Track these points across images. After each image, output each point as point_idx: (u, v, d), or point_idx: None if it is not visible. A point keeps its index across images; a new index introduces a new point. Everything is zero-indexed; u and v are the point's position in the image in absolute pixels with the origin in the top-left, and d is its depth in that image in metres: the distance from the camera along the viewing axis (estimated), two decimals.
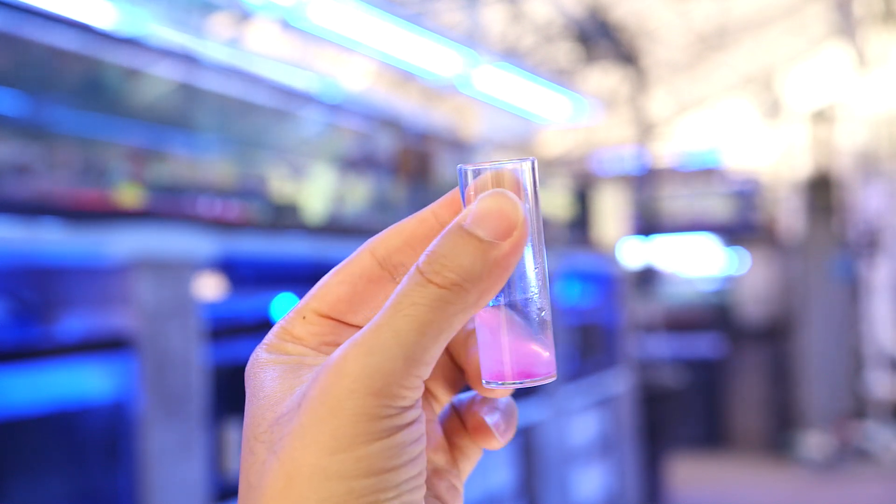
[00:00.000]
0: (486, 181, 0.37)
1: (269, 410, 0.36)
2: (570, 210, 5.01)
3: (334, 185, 3.32)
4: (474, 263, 0.34)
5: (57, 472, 1.74)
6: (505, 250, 0.35)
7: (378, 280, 0.38)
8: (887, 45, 6.33)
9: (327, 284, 0.39)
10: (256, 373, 0.37)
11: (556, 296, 3.68)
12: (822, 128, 6.97)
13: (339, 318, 0.39)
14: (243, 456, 0.36)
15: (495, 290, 0.36)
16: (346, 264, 0.39)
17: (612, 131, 7.25)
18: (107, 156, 2.41)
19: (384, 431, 0.33)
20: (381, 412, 0.33)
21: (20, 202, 1.88)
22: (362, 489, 0.33)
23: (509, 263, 0.35)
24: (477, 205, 0.35)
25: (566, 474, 3.68)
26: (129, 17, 2.73)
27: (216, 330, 2.01)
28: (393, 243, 0.39)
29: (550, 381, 0.38)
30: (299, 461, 0.33)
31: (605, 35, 5.81)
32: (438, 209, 0.39)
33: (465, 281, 0.34)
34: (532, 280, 0.38)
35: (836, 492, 5.52)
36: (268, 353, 0.38)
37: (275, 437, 0.35)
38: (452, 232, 0.35)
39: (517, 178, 0.37)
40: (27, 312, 1.90)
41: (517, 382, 0.38)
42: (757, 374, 6.66)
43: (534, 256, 0.38)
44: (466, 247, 0.35)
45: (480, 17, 5.11)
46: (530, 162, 0.38)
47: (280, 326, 0.39)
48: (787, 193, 7.13)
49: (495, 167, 0.37)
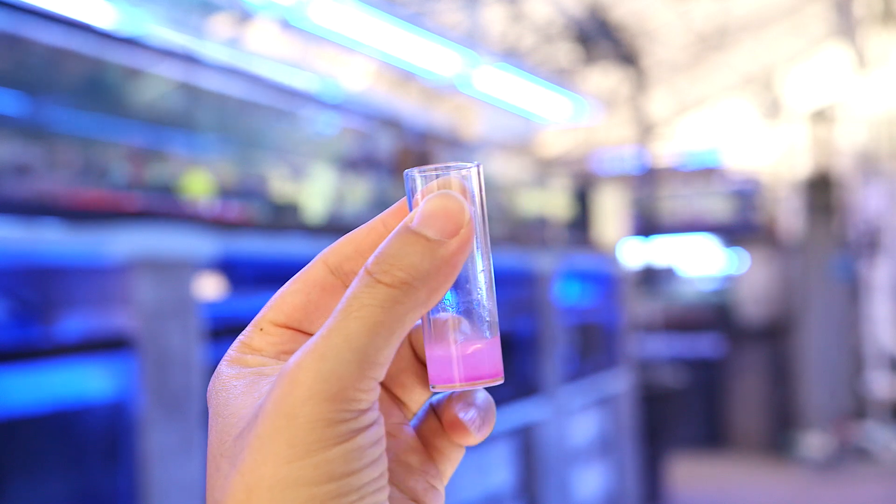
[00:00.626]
0: (432, 185, 0.38)
1: (232, 427, 0.36)
2: (570, 210, 5.01)
3: (334, 185, 3.32)
4: (422, 262, 0.35)
5: (57, 472, 1.74)
6: (452, 248, 0.36)
7: (331, 288, 0.39)
8: (887, 45, 6.33)
9: (283, 295, 0.40)
10: (218, 391, 0.38)
11: (557, 296, 3.68)
12: (822, 128, 6.97)
13: (296, 327, 0.39)
14: (209, 473, 0.36)
15: (444, 288, 0.36)
16: (301, 274, 0.40)
17: (612, 131, 7.25)
18: (107, 156, 2.41)
19: (342, 436, 0.34)
20: (338, 416, 0.33)
21: (20, 202, 1.88)
22: (324, 495, 0.33)
23: (457, 261, 0.36)
24: (423, 206, 0.36)
25: (566, 474, 3.68)
26: (129, 17, 2.73)
27: (216, 330, 2.01)
28: (343, 252, 0.39)
29: (497, 383, 0.39)
30: (258, 472, 0.34)
31: (605, 35, 5.81)
32: (387, 217, 0.39)
33: (414, 279, 0.35)
34: (479, 282, 0.38)
35: (836, 492, 5.52)
36: (229, 367, 0.38)
37: (237, 450, 0.35)
38: (400, 233, 0.36)
39: (463, 182, 0.38)
40: (27, 312, 1.90)
41: (464, 384, 0.38)
42: (757, 374, 6.66)
43: (480, 259, 0.38)
44: (414, 246, 0.35)
45: (480, 17, 5.11)
46: (476, 166, 0.38)
47: (239, 341, 0.39)
48: (787, 193, 7.13)
49: (442, 172, 0.38)
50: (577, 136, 7.52)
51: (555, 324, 3.60)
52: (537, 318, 3.49)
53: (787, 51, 7.03)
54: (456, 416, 0.41)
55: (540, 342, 3.48)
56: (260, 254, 2.30)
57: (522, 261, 3.44)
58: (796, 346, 6.59)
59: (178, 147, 2.74)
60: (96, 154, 2.36)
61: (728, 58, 6.88)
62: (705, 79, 7.24)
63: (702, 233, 7.28)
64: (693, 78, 7.20)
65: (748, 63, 7.10)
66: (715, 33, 6.39)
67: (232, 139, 3.01)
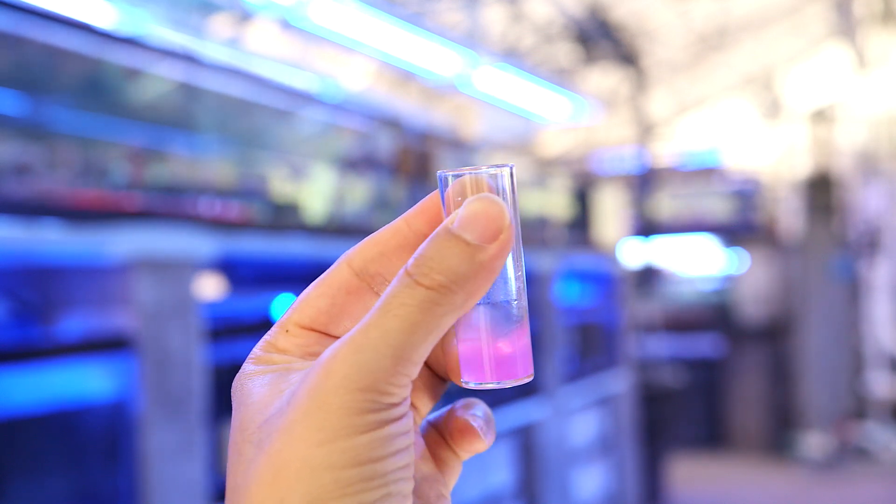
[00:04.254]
0: (465, 186, 0.38)
1: (258, 414, 0.36)
2: (570, 210, 5.01)
3: (334, 185, 3.32)
4: (461, 265, 0.35)
5: (57, 472, 1.74)
6: (491, 253, 0.36)
7: (356, 291, 0.39)
8: (887, 45, 6.33)
9: (307, 298, 0.39)
10: (244, 383, 0.38)
11: (557, 296, 3.68)
12: (822, 128, 6.97)
13: (321, 330, 0.39)
14: (230, 459, 0.36)
15: (482, 291, 0.36)
16: (325, 277, 0.40)
17: (612, 131, 7.24)
18: (107, 156, 2.41)
19: (371, 425, 0.34)
20: (368, 406, 0.34)
21: (20, 202, 1.88)
22: (349, 479, 0.34)
23: (495, 266, 0.36)
24: (464, 209, 0.36)
25: (566, 474, 3.68)
26: (129, 17, 2.73)
27: (216, 330, 2.01)
28: (368, 254, 0.39)
29: (528, 380, 0.39)
30: (287, 454, 0.34)
31: (605, 35, 5.80)
32: (412, 218, 0.39)
33: (453, 283, 0.35)
34: (513, 284, 0.39)
35: (836, 492, 5.52)
36: (255, 364, 0.39)
37: (263, 436, 0.35)
38: (440, 235, 0.36)
39: (497, 183, 0.38)
40: (27, 312, 1.90)
41: (496, 383, 0.39)
42: (757, 374, 6.66)
43: (514, 261, 0.39)
44: (454, 249, 0.35)
45: (480, 17, 5.11)
46: (509, 168, 0.39)
47: (264, 341, 0.39)
48: (787, 193, 7.13)
49: (475, 173, 0.38)
50: (577, 136, 7.52)
51: (555, 324, 3.60)
52: (537, 318, 3.49)
53: (787, 51, 7.03)
54: (466, 421, 0.41)
55: (540, 342, 3.48)
56: (260, 254, 2.30)
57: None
58: (796, 346, 6.59)
59: (178, 147, 2.74)
60: (96, 154, 2.36)
61: (728, 58, 6.88)
62: (705, 79, 7.24)
63: (702, 233, 7.28)
64: (693, 78, 7.20)
65: (748, 63, 7.10)
66: (715, 33, 6.38)
67: (232, 139, 3.01)
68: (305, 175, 3.25)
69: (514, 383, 0.39)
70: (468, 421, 0.41)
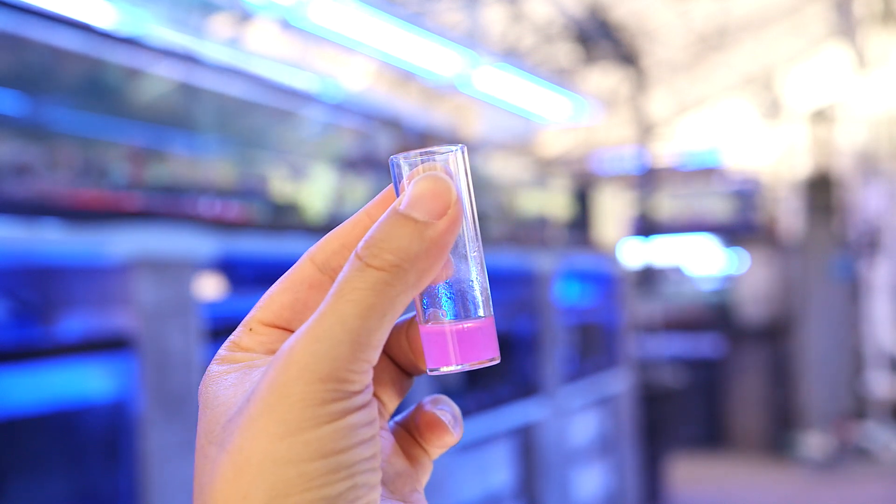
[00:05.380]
0: (417, 170, 0.38)
1: (222, 415, 0.36)
2: (570, 210, 5.01)
3: (334, 185, 3.32)
4: (411, 244, 0.35)
5: (57, 472, 1.74)
6: (440, 229, 0.36)
7: (319, 285, 0.39)
8: (887, 45, 6.33)
9: (271, 295, 0.40)
10: (209, 385, 0.38)
11: (557, 296, 3.68)
12: (822, 128, 6.97)
13: (285, 326, 0.39)
14: (196, 464, 0.36)
15: (434, 269, 0.36)
16: (289, 273, 0.40)
17: (612, 131, 7.24)
18: (107, 156, 2.41)
19: (333, 415, 0.34)
20: (329, 396, 0.33)
21: (20, 202, 1.88)
22: (313, 472, 0.33)
23: (446, 242, 0.36)
24: (410, 188, 0.36)
25: (566, 474, 3.68)
26: (129, 17, 2.73)
27: (216, 330, 2.01)
28: (330, 248, 0.39)
29: (494, 363, 0.39)
30: (248, 450, 0.33)
31: (605, 35, 5.80)
32: (373, 209, 0.39)
33: (404, 261, 0.35)
34: (470, 262, 0.38)
35: (836, 492, 5.52)
36: (219, 365, 0.38)
37: (225, 436, 0.35)
38: (388, 217, 0.36)
39: (447, 165, 0.38)
40: (27, 312, 1.90)
41: (460, 366, 0.38)
42: (757, 374, 6.66)
43: (469, 241, 0.38)
44: (403, 229, 0.35)
45: (480, 17, 5.11)
46: (460, 148, 0.38)
47: (229, 341, 0.39)
48: (787, 193, 7.13)
49: (426, 156, 0.38)
50: (577, 136, 7.52)
51: (555, 324, 3.60)
52: (537, 318, 3.49)
53: (787, 51, 7.03)
54: (435, 415, 0.41)
55: (540, 342, 3.48)
56: (260, 254, 2.30)
57: (522, 261, 3.44)
58: (796, 346, 6.59)
59: (178, 147, 2.74)
60: (96, 154, 2.36)
61: (728, 58, 6.88)
62: (705, 79, 7.24)
63: (702, 233, 7.28)
64: (693, 78, 7.20)
65: (748, 63, 7.10)
66: (715, 33, 6.38)
67: (232, 139, 3.01)
68: (305, 175, 3.25)
69: (478, 366, 0.38)
70: (436, 415, 0.41)
